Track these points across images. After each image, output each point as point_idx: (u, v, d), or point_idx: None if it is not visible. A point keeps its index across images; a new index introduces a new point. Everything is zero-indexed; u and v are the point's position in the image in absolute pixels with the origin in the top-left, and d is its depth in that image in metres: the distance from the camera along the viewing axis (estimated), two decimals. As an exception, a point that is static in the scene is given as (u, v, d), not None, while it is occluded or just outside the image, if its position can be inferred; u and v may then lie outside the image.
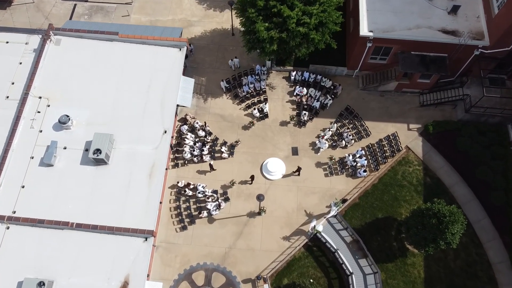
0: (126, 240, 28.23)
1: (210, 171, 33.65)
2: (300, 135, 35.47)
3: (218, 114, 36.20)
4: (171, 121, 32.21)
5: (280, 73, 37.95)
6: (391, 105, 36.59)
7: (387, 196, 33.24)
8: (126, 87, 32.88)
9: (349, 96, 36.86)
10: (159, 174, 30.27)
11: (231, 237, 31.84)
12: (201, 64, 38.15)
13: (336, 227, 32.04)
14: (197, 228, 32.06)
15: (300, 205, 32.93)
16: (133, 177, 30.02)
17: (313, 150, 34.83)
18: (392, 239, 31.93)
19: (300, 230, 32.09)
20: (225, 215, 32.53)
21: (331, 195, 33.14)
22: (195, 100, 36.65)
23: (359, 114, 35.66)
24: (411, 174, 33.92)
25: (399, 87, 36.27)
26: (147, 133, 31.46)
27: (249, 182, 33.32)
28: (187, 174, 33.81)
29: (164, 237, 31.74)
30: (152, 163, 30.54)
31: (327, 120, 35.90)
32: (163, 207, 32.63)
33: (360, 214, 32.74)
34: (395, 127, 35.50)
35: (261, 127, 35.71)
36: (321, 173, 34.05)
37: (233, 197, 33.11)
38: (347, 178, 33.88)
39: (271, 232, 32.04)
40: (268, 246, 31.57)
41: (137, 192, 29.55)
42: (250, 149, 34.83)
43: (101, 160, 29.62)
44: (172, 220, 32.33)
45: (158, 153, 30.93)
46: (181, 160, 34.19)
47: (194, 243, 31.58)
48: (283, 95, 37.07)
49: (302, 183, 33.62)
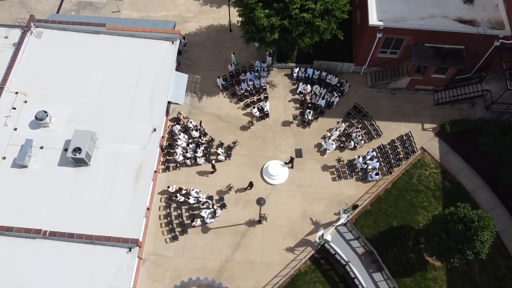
0: (106, 251, 24.62)
1: (213, 172, 30.30)
2: (304, 136, 32.24)
3: (214, 113, 33.06)
4: (161, 118, 29.05)
5: (281, 70, 35.02)
6: (403, 104, 33.52)
7: (402, 202, 29.76)
8: (112, 82, 29.90)
9: (356, 94, 33.82)
10: (146, 176, 26.90)
11: (227, 249, 28.18)
12: (196, 61, 35.26)
13: (346, 237, 28.44)
14: (189, 239, 28.43)
15: (305, 212, 29.41)
16: (117, 179, 26.64)
17: (318, 152, 31.54)
18: (410, 250, 28.29)
19: (305, 241, 28.47)
20: (221, 223, 28.95)
21: (340, 201, 29.67)
22: (189, 99, 33.59)
23: (368, 113, 32.54)
24: (428, 178, 30.53)
25: (411, 84, 33.28)
26: (134, 132, 28.27)
27: (248, 188, 29.90)
28: (179, 179, 30.38)
29: (152, 248, 28.08)
30: (139, 164, 27.21)
31: (334, 120, 32.75)
32: (152, 215, 29.10)
33: (373, 223, 29.19)
34: (408, 127, 32.31)
35: (261, 127, 32.52)
36: (328, 177, 30.66)
37: (230, 203, 29.62)
38: (357, 183, 30.47)
39: (273, 243, 28.41)
40: (269, 259, 27.88)
41: (121, 196, 26.13)
42: (249, 151, 31.53)
43: (81, 160, 26.30)
44: (161, 230, 28.72)
45: (146, 153, 27.65)
46: (173, 163, 30.85)
47: (186, 255, 27.90)
48: (285, 94, 34.03)
49: (307, 188, 30.19)
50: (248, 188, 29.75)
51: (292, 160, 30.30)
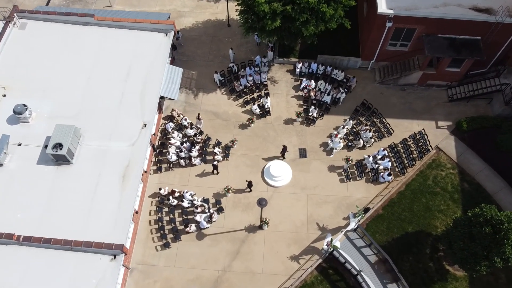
0: (88, 258, 21.79)
1: (216, 173, 27.72)
2: (308, 134, 29.70)
3: (210, 111, 30.58)
4: (153, 114, 26.55)
5: (283, 66, 32.70)
6: (415, 101, 31.09)
7: (418, 206, 27.04)
8: (100, 76, 27.48)
9: (364, 91, 31.42)
10: (135, 175, 24.24)
11: (225, 257, 25.34)
12: (192, 57, 32.96)
13: (356, 244, 25.64)
14: (182, 246, 25.60)
15: (311, 217, 26.66)
16: (103, 179, 23.97)
17: (324, 152, 28.96)
18: (428, 258, 25.45)
19: (311, 248, 25.66)
20: (218, 229, 26.16)
21: (349, 205, 26.96)
22: (184, 95, 31.18)
23: (378, 110, 30.08)
24: (445, 179, 27.87)
25: (423, 80, 30.92)
26: (122, 128, 25.73)
27: (247, 190, 27.23)
28: (172, 180, 27.71)
29: (141, 257, 25.23)
30: (126, 163, 24.58)
31: (340, 118, 30.25)
32: (141, 220, 26.33)
33: (385, 228, 26.41)
34: (421, 125, 29.80)
35: (261, 125, 30.00)
36: (336, 178, 28.00)
37: (228, 207, 26.89)
38: (367, 184, 27.80)
39: (276, 251, 25.58)
40: (272, 269, 25.02)
41: (106, 197, 23.43)
42: (248, 151, 28.94)
43: (62, 157, 23.68)
44: (151, 236, 25.91)
45: (135, 150, 25.05)
46: (165, 164, 28.22)
47: (179, 264, 25.03)
48: (287, 90, 31.62)
49: (312, 191, 27.49)
50: (247, 190, 27.08)
51: (284, 150, 27.80)
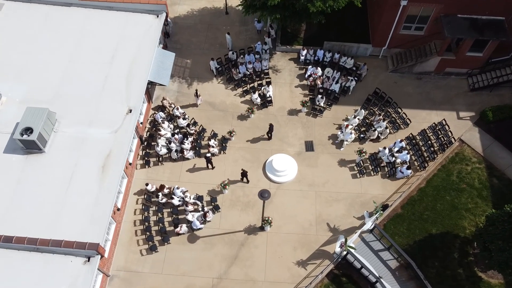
0: (56, 261, 18.24)
1: (211, 167, 24.51)
2: (315, 126, 26.55)
3: (206, 101, 27.50)
4: (139, 99, 23.43)
5: (286, 54, 29.84)
6: (432, 90, 28.09)
7: (442, 204, 23.66)
8: (82, 59, 24.49)
9: (376, 80, 28.45)
10: (116, 166, 20.94)
11: (221, 263, 21.78)
12: (186, 45, 30.12)
13: (373, 247, 22.15)
14: (172, 250, 22.07)
15: (320, 216, 23.23)
16: (79, 170, 20.65)
17: (333, 145, 25.75)
18: (456, 264, 21.92)
19: (321, 252, 22.14)
20: (213, 230, 22.70)
21: (363, 203, 23.59)
22: (177, 85, 28.17)
23: (392, 99, 27.03)
24: (471, 175, 24.58)
25: (441, 67, 28.00)
26: (104, 113, 22.58)
27: (244, 181, 24.00)
28: (161, 176, 24.39)
29: (123, 262, 21.65)
30: (107, 152, 21.31)
31: (350, 108, 27.17)
32: (125, 220, 22.88)
33: (406, 229, 22.96)
34: (441, 115, 26.71)
35: (263, 117, 26.88)
36: (347, 173, 24.71)
37: (224, 206, 23.49)
38: (383, 180, 24.49)
39: (280, 255, 22.05)
40: (275, 276, 21.45)
41: (82, 190, 20.06)
42: (248, 144, 25.72)
43: (32, 144, 20.43)
44: (136, 239, 22.41)
45: (118, 138, 21.82)
46: (154, 158, 24.95)
47: (167, 271, 21.45)
48: (291, 79, 28.65)
49: (321, 187, 24.15)
50: (243, 180, 23.86)
51: (270, 129, 24.95)
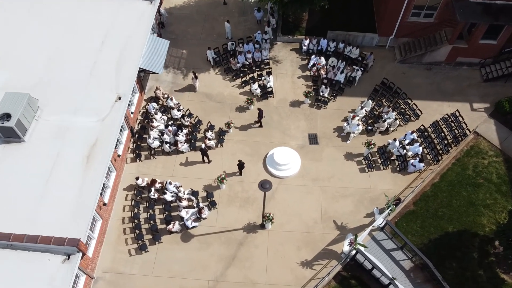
0: (31, 259, 16.26)
1: (208, 161, 22.70)
2: (319, 118, 24.78)
3: (202, 92, 25.78)
4: (130, 85, 21.67)
5: (287, 44, 28.22)
6: (443, 81, 26.41)
7: (458, 200, 21.77)
8: (69, 44, 22.84)
9: (383, 71, 26.78)
10: (102, 156, 19.08)
11: (217, 264, 19.77)
12: (182, 36, 28.53)
13: (385, 246, 20.19)
14: (163, 249, 20.08)
15: (325, 213, 21.30)
16: (61, 160, 18.78)
17: (339, 138, 23.95)
18: (476, 264, 19.94)
19: (328, 252, 20.17)
20: (209, 228, 20.74)
21: (373, 198, 21.69)
22: (171, 76, 26.48)
23: (401, 89, 25.32)
24: (488, 169, 22.74)
25: (452, 56, 26.37)
26: (92, 101, 20.80)
27: (237, 173, 22.25)
28: (153, 170, 22.52)
29: (109, 263, 19.63)
30: (93, 141, 19.47)
31: (356, 99, 25.45)
32: (112, 218, 20.93)
33: (419, 227, 21.03)
34: (453, 107, 24.98)
35: (263, 108, 25.00)
36: (355, 167, 22.86)
37: (221, 202, 21.56)
38: (394, 174, 22.63)
39: (283, 255, 20.06)
40: (277, 278, 19.43)
41: (63, 182, 18.16)
42: (247, 137, 23.92)
43: (10, 131, 18.60)
44: (124, 237, 20.42)
45: (105, 127, 20.00)
46: (146, 151, 23.10)
47: (158, 272, 19.43)
48: (293, 70, 26.98)
49: (327, 182, 22.27)
50: (238, 173, 22.21)
51: (260, 115, 23.36)
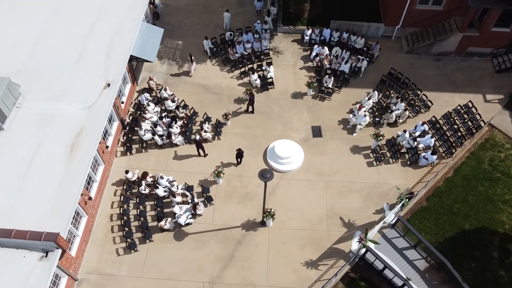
0: (5, 255, 14.52)
1: (203, 155, 21.09)
2: (323, 110, 23.26)
3: (198, 84, 24.30)
4: (120, 72, 20.16)
5: (288, 35, 26.86)
6: (453, 72, 24.99)
7: (474, 196, 20.12)
8: (56, 30, 21.41)
9: (390, 62, 25.35)
10: (88, 145, 17.47)
11: (214, 264, 18.02)
12: (178, 27, 27.16)
13: (397, 244, 18.48)
14: (154, 249, 18.33)
15: (331, 210, 19.62)
16: (43, 149, 17.16)
17: (345, 130, 22.39)
18: (496, 265, 18.20)
19: (334, 251, 18.43)
20: (205, 226, 19.03)
21: (382, 194, 20.04)
22: (166, 67, 25.01)
23: (410, 80, 23.86)
24: (505, 162, 21.14)
25: (462, 46, 24.99)
26: (78, 88, 19.28)
27: (236, 164, 20.75)
28: (145, 164, 20.88)
29: (95, 263, 17.87)
30: (78, 129, 17.89)
31: (362, 91, 23.96)
32: (100, 214, 19.21)
33: (433, 225, 19.33)
34: (465, 98, 23.49)
35: (263, 100, 23.63)
36: (362, 161, 21.25)
37: (218, 198, 19.88)
38: (404, 168, 21.01)
39: (285, 255, 18.32)
40: (280, 280, 17.66)
41: (44, 172, 16.52)
42: (246, 129, 22.35)
43: (-14, 118, 17.05)
44: (112, 236, 18.68)
45: (92, 114, 18.44)
46: (137, 145, 21.50)
47: (149, 274, 17.66)
48: (294, 61, 25.55)
49: (332, 177, 20.63)
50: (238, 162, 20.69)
51: (251, 99, 22.05)
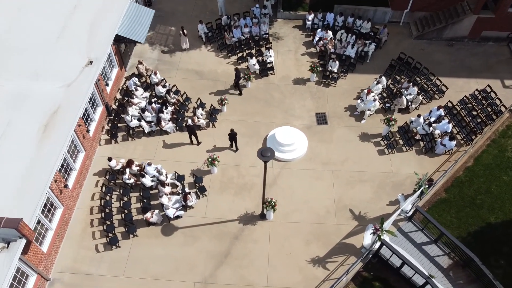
0: (-43, 246, 12.35)
1: (197, 143, 19.07)
2: (328, 96, 21.31)
3: (192, 70, 22.40)
4: (104, 50, 18.26)
5: (289, 22, 25.14)
6: (467, 58, 23.18)
7: (498, 186, 18.00)
8: (37, 6, 19.59)
9: (399, 48, 23.53)
10: (65, 125, 15.44)
11: (207, 262, 15.73)
12: (171, 14, 25.44)
13: (415, 239, 16.27)
14: (139, 245, 16.08)
15: (340, 201, 17.44)
16: (13, 129, 15.11)
17: (352, 117, 20.38)
18: (529, 262, 16.03)
19: (344, 246, 16.19)
20: (197, 220, 16.81)
21: (396, 184, 17.91)
22: (157, 53, 23.16)
23: (422, 64, 21.99)
24: (530, 150, 19.17)
25: (476, 30, 23.22)
26: (57, 66, 17.36)
27: (232, 148, 18.80)
28: (131, 153, 18.76)
29: (70, 261, 15.59)
30: (54, 108, 15.88)
31: (370, 76, 22.04)
32: (78, 207, 17.01)
33: (454, 218, 17.16)
34: (482, 84, 21.56)
35: (262, 86, 21.71)
36: (372, 149, 19.18)
37: (213, 188, 17.71)
38: (419, 156, 18.93)
39: (288, 252, 16.05)
40: (282, 279, 15.37)
41: (12, 153, 14.44)
42: (244, 116, 20.33)
43: (-51, 93, 15.03)
44: (91, 230, 16.44)
45: (71, 93, 16.46)
46: (123, 132, 19.44)
47: (132, 273, 15.36)
48: (296, 47, 23.74)
49: (339, 166, 18.52)
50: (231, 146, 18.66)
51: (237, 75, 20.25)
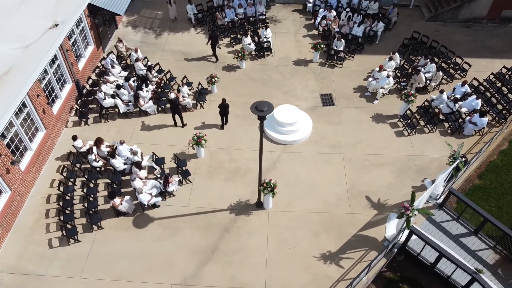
0: None
1: (181, 125, 16.18)
2: (333, 77, 18.64)
3: (179, 51, 19.83)
4: (72, 13, 15.69)
5: (288, 6, 22.92)
6: (488, 38, 20.78)
7: (541, 170, 15.09)
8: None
9: (410, 29, 21.09)
10: (15, 86, 12.59)
11: (188, 259, 12.41)
12: (158, -1, 23.29)
13: (449, 230, 13.09)
14: (103, 239, 12.79)
15: (353, 187, 14.33)
16: (-51, 91, 12.27)
17: (363, 98, 17.63)
18: None
19: (361, 240, 12.94)
20: (178, 209, 13.60)
21: (420, 168, 14.88)
22: (141, 35, 20.69)
23: (439, 43, 19.48)
24: None
25: (495, 9, 20.97)
26: (17, 28, 14.74)
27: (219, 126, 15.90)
28: (103, 136, 15.63)
29: (14, 259, 12.26)
30: (5, 69, 13.10)
31: (380, 57, 19.43)
32: (33, 196, 13.85)
33: (494, 207, 14.13)
34: (508, 64, 18.98)
35: (259, 67, 19.07)
36: (388, 130, 16.28)
37: (199, 174, 14.62)
38: (444, 138, 15.99)
39: (292, 245, 12.77)
40: (285, 279, 12.01)
41: None
42: (238, 97, 17.53)
43: None
44: (45, 222, 13.18)
45: (28, 54, 13.73)
46: (95, 114, 16.55)
47: (92, 273, 12.01)
48: (296, 29, 21.35)
49: (351, 149, 15.56)
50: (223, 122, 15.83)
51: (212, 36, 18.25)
